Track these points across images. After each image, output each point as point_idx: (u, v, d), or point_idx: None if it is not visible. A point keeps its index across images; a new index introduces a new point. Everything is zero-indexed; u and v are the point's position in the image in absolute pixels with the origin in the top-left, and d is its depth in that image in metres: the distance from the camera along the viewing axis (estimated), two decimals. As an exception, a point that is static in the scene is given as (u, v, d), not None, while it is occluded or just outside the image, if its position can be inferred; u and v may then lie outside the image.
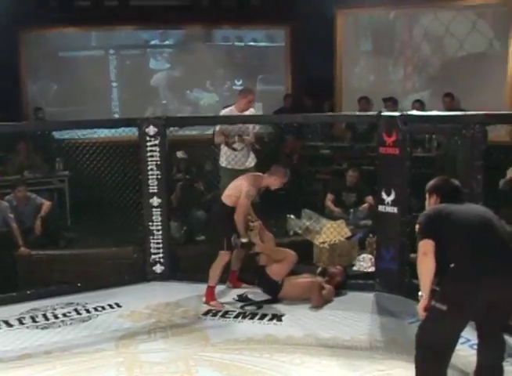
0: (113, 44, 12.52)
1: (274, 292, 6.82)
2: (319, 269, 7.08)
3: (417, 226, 4.37)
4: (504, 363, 4.45)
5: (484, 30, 10.63)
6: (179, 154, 9.30)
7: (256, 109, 8.80)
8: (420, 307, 4.23)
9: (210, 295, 6.79)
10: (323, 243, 7.89)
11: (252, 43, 12.98)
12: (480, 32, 10.67)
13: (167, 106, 12.53)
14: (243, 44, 12.94)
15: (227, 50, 12.88)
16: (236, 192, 6.74)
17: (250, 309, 6.62)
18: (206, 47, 12.79)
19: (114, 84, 12.52)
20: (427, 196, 4.63)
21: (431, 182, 4.63)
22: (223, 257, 6.78)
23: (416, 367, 4.26)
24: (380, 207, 6.97)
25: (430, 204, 4.57)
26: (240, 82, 12.88)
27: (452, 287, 4.10)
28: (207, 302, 6.74)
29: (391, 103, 10.88)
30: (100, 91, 12.24)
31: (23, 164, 9.78)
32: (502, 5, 10.45)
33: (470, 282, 4.04)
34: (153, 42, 12.82)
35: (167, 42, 12.87)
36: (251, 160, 7.96)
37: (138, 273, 7.61)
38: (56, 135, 10.52)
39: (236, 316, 6.44)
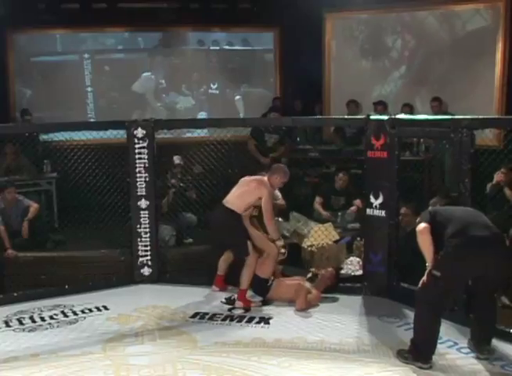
0: (88, 48, 12.42)
1: (264, 291, 6.82)
2: (309, 275, 7.07)
3: (418, 219, 5.45)
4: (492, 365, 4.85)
5: (473, 35, 10.67)
6: (176, 160, 8.99)
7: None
8: (427, 273, 5.21)
9: (246, 298, 6.75)
10: (311, 246, 7.89)
11: (227, 47, 12.94)
12: (468, 37, 10.72)
13: (144, 111, 12.29)
14: (218, 47, 12.91)
15: (203, 54, 12.87)
16: (250, 198, 6.78)
17: (237, 312, 6.61)
18: (182, 50, 12.80)
19: (89, 88, 12.42)
20: None
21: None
22: (252, 260, 6.71)
23: (415, 320, 5.29)
24: (368, 211, 7.00)
25: None
26: (216, 86, 12.90)
27: (445, 258, 5.11)
28: (245, 306, 6.67)
29: (382, 106, 10.92)
30: (76, 95, 12.16)
31: (10, 166, 9.74)
32: (490, 10, 10.49)
33: (459, 256, 5.07)
34: (129, 46, 12.74)
35: (142, 46, 12.83)
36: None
37: (125, 276, 7.59)
38: (44, 136, 10.49)
39: (224, 319, 6.42)
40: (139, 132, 7.39)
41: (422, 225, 5.25)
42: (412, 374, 5.11)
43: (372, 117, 7.19)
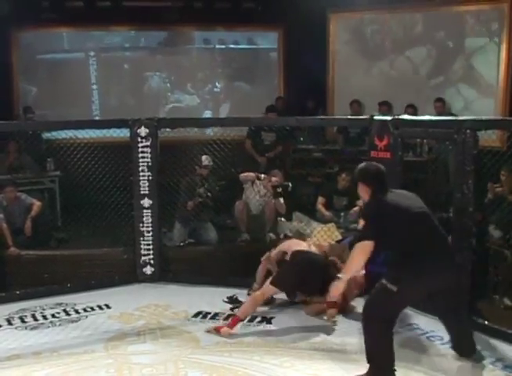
0: (93, 46, 12.47)
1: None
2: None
3: (362, 216, 5.02)
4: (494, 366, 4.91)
5: (476, 35, 10.67)
6: (205, 160, 8.39)
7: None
8: (338, 286, 4.96)
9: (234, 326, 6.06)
10: (314, 246, 7.88)
11: (232, 46, 12.97)
12: (472, 37, 10.71)
13: (149, 109, 12.14)
14: (223, 46, 12.93)
15: (208, 53, 12.90)
16: None
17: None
18: (187, 49, 12.84)
19: (95, 86, 12.45)
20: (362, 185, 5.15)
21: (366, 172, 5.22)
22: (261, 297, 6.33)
23: (366, 337, 4.86)
24: (371, 211, 6.96)
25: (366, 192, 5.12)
26: (221, 85, 12.89)
27: (402, 273, 4.71)
28: (222, 333, 6.00)
29: (386, 107, 10.90)
30: (81, 93, 12.21)
31: (13, 164, 9.75)
32: (494, 11, 10.48)
33: (417, 274, 4.68)
34: (134, 45, 12.77)
35: (148, 45, 12.85)
36: None
37: (128, 274, 7.59)
38: (47, 134, 10.51)
39: (226, 319, 6.39)
40: (143, 131, 7.39)
41: (367, 244, 4.79)
42: (413, 375, 5.11)
43: (375, 117, 7.19)
